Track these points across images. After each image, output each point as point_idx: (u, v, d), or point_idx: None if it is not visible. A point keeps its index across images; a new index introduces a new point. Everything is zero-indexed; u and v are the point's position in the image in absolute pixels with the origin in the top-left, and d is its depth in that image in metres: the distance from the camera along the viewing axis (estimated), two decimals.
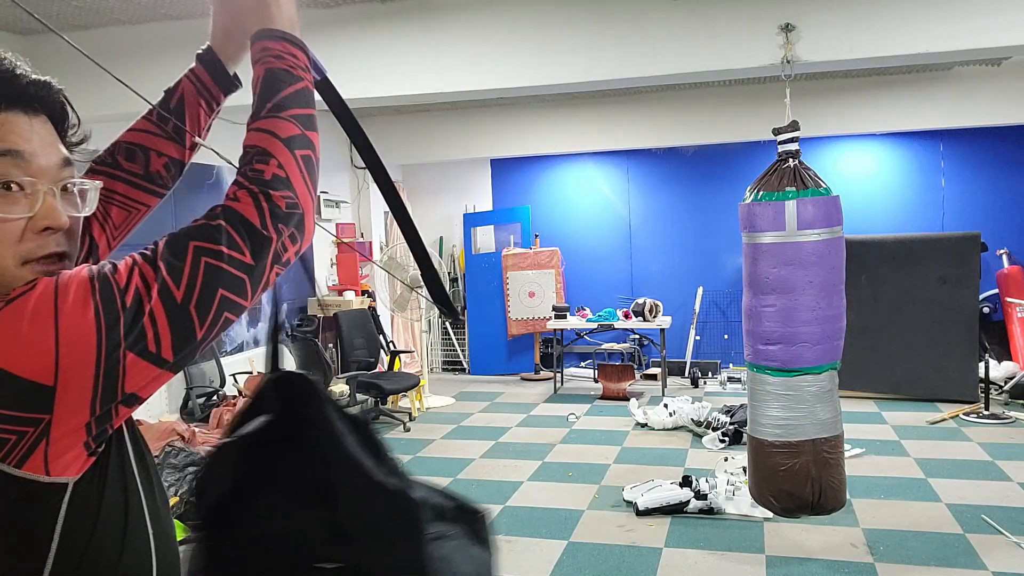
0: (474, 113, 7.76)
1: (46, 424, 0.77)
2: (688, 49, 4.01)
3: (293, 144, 0.92)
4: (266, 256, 0.87)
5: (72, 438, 0.80)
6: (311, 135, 0.95)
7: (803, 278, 3.32)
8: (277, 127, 0.92)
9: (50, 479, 0.80)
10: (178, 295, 0.81)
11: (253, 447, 0.98)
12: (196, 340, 0.84)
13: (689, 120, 7.35)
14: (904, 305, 6.72)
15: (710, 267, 8.46)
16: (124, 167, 1.18)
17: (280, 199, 0.88)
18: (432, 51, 4.23)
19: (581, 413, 6.84)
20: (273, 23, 1.00)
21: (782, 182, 3.36)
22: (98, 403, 0.79)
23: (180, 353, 0.83)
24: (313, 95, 1.00)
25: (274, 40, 0.99)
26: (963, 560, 3.66)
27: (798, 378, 3.38)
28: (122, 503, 0.88)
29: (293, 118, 0.93)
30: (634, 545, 3.98)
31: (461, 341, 9.15)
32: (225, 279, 0.84)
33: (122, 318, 0.79)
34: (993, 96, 6.68)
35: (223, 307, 0.85)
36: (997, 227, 7.52)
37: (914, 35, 3.77)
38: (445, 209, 9.24)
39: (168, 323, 0.81)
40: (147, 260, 0.83)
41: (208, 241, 0.84)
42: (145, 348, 0.80)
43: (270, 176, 0.88)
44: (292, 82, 0.96)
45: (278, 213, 0.87)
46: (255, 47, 0.99)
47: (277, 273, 0.90)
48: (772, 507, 3.56)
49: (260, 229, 0.86)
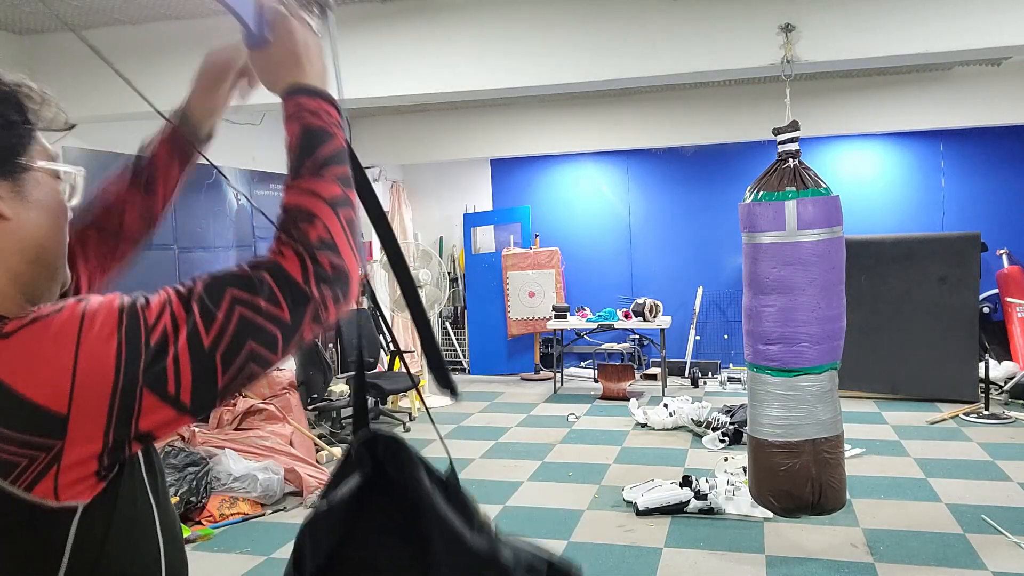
0: (474, 113, 7.76)
1: (58, 451, 0.77)
2: (688, 49, 4.00)
3: (337, 205, 0.90)
4: (304, 314, 0.85)
5: (83, 467, 0.79)
6: (351, 195, 0.94)
7: (803, 278, 3.32)
8: (320, 188, 0.90)
9: (60, 504, 0.79)
10: (206, 341, 0.80)
11: (348, 511, 0.99)
12: (217, 389, 0.82)
13: (689, 120, 7.34)
14: (904, 305, 6.72)
15: (710, 267, 8.46)
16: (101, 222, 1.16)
17: (326, 262, 0.86)
18: (432, 51, 4.23)
19: (581, 413, 6.84)
20: (305, 78, 0.99)
21: (782, 182, 3.36)
22: (111, 436, 0.79)
23: (200, 399, 0.82)
24: (347, 152, 0.97)
25: (308, 96, 0.97)
26: (963, 560, 3.66)
27: (798, 378, 3.38)
28: (133, 516, 0.88)
29: (335, 178, 0.92)
30: (634, 545, 3.98)
31: (461, 341, 9.15)
32: (257, 332, 0.83)
33: (143, 355, 0.78)
34: (993, 96, 6.67)
35: (250, 359, 0.83)
36: (997, 227, 7.51)
37: (914, 35, 3.76)
38: (445, 209, 9.24)
39: (191, 367, 0.80)
40: (181, 299, 0.82)
41: (247, 291, 0.83)
42: (164, 389, 0.79)
43: (316, 239, 0.87)
44: (330, 140, 0.95)
45: (323, 275, 0.86)
46: (289, 102, 0.97)
47: (315, 333, 0.88)
48: (772, 507, 3.56)
49: (303, 287, 0.85)
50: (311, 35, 1.03)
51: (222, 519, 4.46)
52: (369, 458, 1.01)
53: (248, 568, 3.89)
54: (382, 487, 1.00)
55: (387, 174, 8.74)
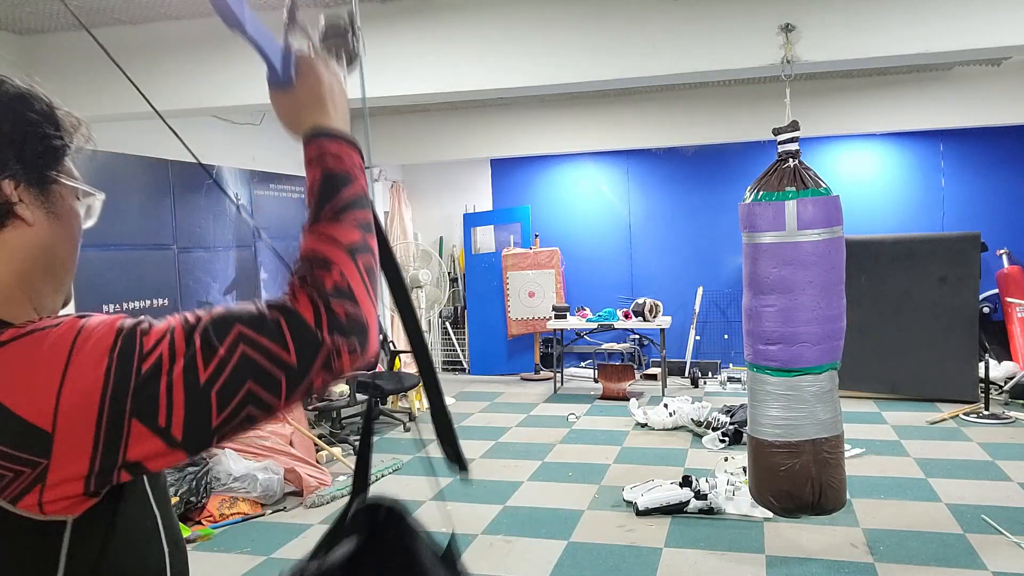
0: (474, 113, 7.76)
1: (43, 469, 0.75)
2: (688, 49, 4.00)
3: (355, 252, 0.88)
4: (313, 361, 0.81)
5: (69, 487, 0.77)
6: (371, 240, 0.91)
7: (803, 278, 3.32)
8: (338, 233, 0.88)
9: (46, 518, 0.78)
10: (203, 376, 0.78)
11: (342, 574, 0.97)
12: (211, 426, 0.79)
13: (689, 120, 7.34)
14: (904, 305, 6.72)
15: (710, 267, 8.46)
16: None
17: (340, 310, 0.83)
18: (432, 51, 4.23)
19: (581, 413, 6.84)
20: (329, 121, 0.97)
21: (782, 182, 3.36)
22: (97, 462, 0.76)
23: (192, 435, 0.79)
24: (370, 198, 0.96)
25: (331, 140, 0.95)
26: (963, 560, 3.66)
27: (798, 378, 3.38)
28: (136, 525, 0.87)
29: (354, 223, 0.90)
30: (634, 545, 3.98)
31: (461, 341, 9.15)
32: (259, 373, 0.79)
33: (132, 383, 0.76)
34: (993, 96, 6.67)
35: (248, 400, 0.80)
36: (997, 227, 7.52)
37: (914, 35, 3.76)
38: (445, 209, 9.24)
39: (184, 401, 0.77)
40: (185, 330, 0.80)
41: (255, 329, 0.80)
42: (154, 420, 0.77)
43: (331, 286, 0.84)
44: (351, 185, 0.92)
45: (336, 323, 0.82)
46: (311, 146, 0.95)
47: (324, 380, 0.83)
48: (772, 507, 3.56)
49: (314, 332, 0.81)
50: (336, 79, 1.02)
51: (222, 519, 4.46)
52: (368, 524, 0.98)
53: (248, 568, 3.89)
54: (378, 555, 0.97)
55: (387, 174, 8.75)
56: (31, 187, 0.87)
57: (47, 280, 0.90)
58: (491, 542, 4.10)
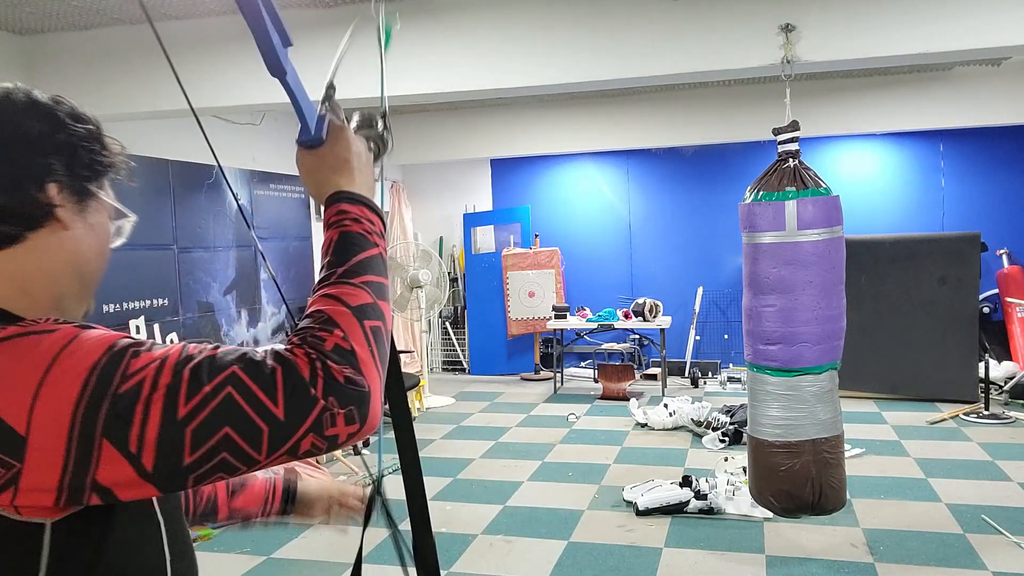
0: (474, 113, 7.76)
1: (16, 472, 0.74)
2: (688, 49, 4.00)
3: (363, 314, 0.84)
4: (304, 419, 0.77)
5: (40, 496, 0.75)
6: (383, 305, 0.88)
7: (803, 278, 3.32)
8: (347, 294, 0.85)
9: (22, 519, 0.77)
10: (182, 410, 0.75)
11: None
12: (182, 464, 0.76)
13: (689, 120, 7.35)
14: (904, 305, 6.72)
15: (710, 267, 8.46)
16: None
17: (338, 371, 0.79)
18: (432, 51, 4.23)
19: (581, 413, 6.84)
20: (353, 186, 0.97)
21: (782, 182, 3.36)
22: (67, 479, 0.75)
23: (163, 469, 0.75)
24: (386, 264, 0.94)
25: (352, 203, 0.94)
26: (963, 560, 3.66)
27: (798, 378, 3.38)
28: (134, 533, 0.86)
29: (365, 285, 0.87)
30: (634, 545, 3.98)
31: (461, 341, 9.15)
32: (239, 419, 0.76)
33: (107, 403, 0.74)
34: (993, 96, 6.68)
35: (223, 446, 0.76)
36: (997, 227, 7.52)
37: (914, 35, 3.76)
38: (445, 209, 9.24)
39: (158, 431, 0.74)
40: (177, 361, 0.77)
41: (248, 374, 0.77)
42: (125, 444, 0.74)
43: (331, 347, 0.80)
44: (367, 247, 0.91)
45: (333, 384, 0.78)
46: (331, 209, 0.94)
47: (314, 444, 0.78)
48: (772, 507, 3.56)
49: (309, 389, 0.77)
50: (364, 149, 1.02)
51: None
52: None
53: (248, 568, 3.89)
54: None
55: (387, 174, 8.74)
56: (73, 196, 0.91)
57: (73, 286, 0.92)
58: (491, 542, 4.10)
